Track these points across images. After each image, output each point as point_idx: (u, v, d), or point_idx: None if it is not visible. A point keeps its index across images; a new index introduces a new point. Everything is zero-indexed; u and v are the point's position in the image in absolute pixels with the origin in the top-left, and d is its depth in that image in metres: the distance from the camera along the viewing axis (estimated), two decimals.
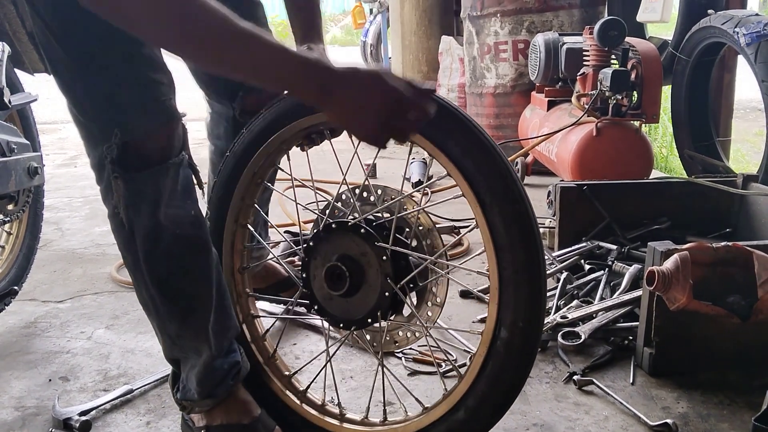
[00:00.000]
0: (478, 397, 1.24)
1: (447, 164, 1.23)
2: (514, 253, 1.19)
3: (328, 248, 1.32)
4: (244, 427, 1.38)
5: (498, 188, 1.21)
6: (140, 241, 1.27)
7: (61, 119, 6.47)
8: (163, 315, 1.34)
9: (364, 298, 1.30)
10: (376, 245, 1.27)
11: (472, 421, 1.25)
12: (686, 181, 2.35)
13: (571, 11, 3.69)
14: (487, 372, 1.22)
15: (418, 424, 1.32)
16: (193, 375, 1.37)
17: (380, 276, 1.28)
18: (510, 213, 1.21)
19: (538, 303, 1.19)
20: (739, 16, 2.70)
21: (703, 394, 1.56)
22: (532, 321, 1.19)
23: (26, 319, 2.07)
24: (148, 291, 1.32)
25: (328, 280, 1.31)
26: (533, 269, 1.18)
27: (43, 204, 2.23)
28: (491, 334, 1.21)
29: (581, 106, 3.01)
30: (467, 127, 1.23)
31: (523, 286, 1.18)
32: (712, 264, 1.48)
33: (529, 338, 1.20)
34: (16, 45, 1.91)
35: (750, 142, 4.85)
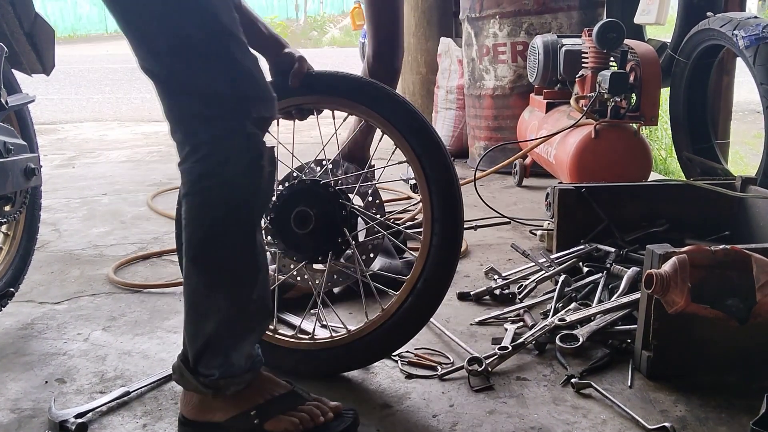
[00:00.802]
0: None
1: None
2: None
3: (299, 197, 1.64)
4: (288, 395, 1.42)
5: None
6: (258, 207, 1.36)
7: (60, 120, 6.48)
8: (245, 282, 1.36)
9: (320, 239, 1.64)
10: (339, 201, 1.64)
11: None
12: (685, 183, 2.35)
13: (570, 13, 3.69)
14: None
15: (341, 341, 1.67)
16: (247, 345, 1.38)
17: (338, 225, 1.64)
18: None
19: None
20: (738, 19, 2.70)
21: (702, 397, 1.56)
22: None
23: (23, 320, 2.06)
24: (243, 258, 1.35)
25: (297, 219, 1.63)
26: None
27: (41, 205, 2.22)
28: (414, 282, 1.61)
29: (580, 108, 3.01)
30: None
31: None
32: (711, 267, 1.47)
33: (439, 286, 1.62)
34: (14, 45, 1.90)
35: (749, 144, 4.85)
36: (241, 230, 1.33)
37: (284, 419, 1.37)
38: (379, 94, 1.61)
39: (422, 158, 1.59)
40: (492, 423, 1.48)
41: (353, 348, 1.65)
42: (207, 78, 1.26)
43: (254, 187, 1.32)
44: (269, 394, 1.41)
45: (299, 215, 1.63)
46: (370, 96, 1.61)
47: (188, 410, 1.41)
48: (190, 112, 1.27)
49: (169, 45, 1.25)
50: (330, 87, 1.64)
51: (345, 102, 1.63)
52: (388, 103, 1.60)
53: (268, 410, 1.38)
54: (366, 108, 1.61)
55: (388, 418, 1.51)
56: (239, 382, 1.37)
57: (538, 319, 1.90)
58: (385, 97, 1.60)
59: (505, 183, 3.70)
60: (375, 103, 1.60)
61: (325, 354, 1.67)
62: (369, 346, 1.65)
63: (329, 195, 1.64)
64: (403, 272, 2.23)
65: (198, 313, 1.35)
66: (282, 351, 1.68)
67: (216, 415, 1.38)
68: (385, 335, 1.63)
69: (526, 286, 2.12)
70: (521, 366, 1.71)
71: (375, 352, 1.66)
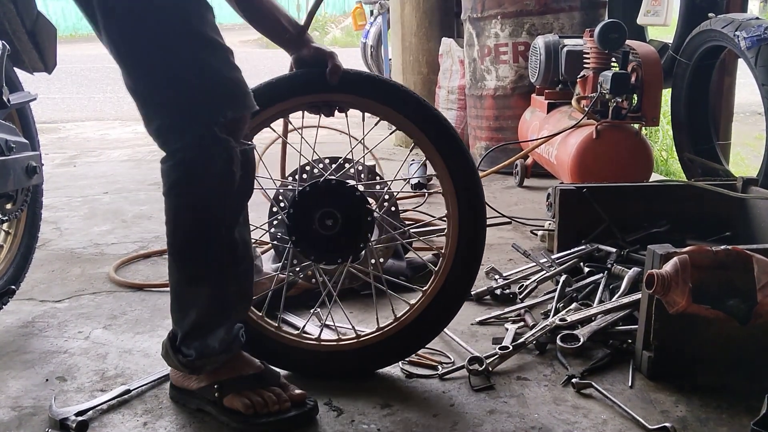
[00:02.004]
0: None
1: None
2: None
3: (325, 198, 1.60)
4: (254, 376, 1.51)
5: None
6: (232, 206, 1.43)
7: (61, 119, 6.48)
8: (223, 278, 1.45)
9: (343, 242, 1.62)
10: (366, 208, 1.61)
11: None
12: (686, 184, 2.35)
13: (571, 14, 3.69)
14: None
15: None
16: (223, 330, 1.48)
17: (362, 230, 1.62)
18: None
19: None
20: (740, 20, 2.70)
21: (702, 398, 1.56)
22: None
23: (24, 318, 2.06)
24: (219, 254, 1.43)
25: (321, 220, 1.60)
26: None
27: (42, 203, 2.22)
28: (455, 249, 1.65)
29: (581, 109, 3.01)
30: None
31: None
32: (712, 267, 1.47)
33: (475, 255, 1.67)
34: (16, 44, 1.91)
35: (750, 145, 4.85)
36: (215, 231, 1.42)
37: (240, 398, 1.47)
38: (409, 100, 1.61)
39: (454, 174, 1.61)
40: (492, 422, 1.48)
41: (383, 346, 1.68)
42: (173, 89, 1.33)
43: (226, 191, 1.40)
44: (236, 373, 1.50)
45: (324, 216, 1.60)
46: (402, 101, 1.61)
47: (173, 376, 1.58)
48: (162, 123, 1.35)
49: (136, 59, 1.33)
50: (366, 88, 1.61)
51: (376, 105, 1.62)
52: (419, 109, 1.61)
53: (229, 386, 1.49)
54: (396, 113, 1.61)
55: (388, 417, 1.51)
56: (214, 361, 1.49)
57: (539, 319, 1.90)
58: (416, 104, 1.61)
59: (506, 183, 3.70)
60: (406, 107, 1.61)
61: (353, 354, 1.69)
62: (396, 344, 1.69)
63: (356, 199, 1.61)
64: (406, 274, 2.23)
65: (181, 303, 1.49)
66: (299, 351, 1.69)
67: (191, 383, 1.53)
68: (407, 335, 1.67)
69: (527, 286, 2.12)
70: (522, 366, 1.71)
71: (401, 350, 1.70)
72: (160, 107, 1.35)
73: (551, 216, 2.62)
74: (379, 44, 6.68)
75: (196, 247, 1.43)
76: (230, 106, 1.36)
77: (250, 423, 1.45)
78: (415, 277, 2.25)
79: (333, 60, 1.58)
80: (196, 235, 1.42)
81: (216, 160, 1.35)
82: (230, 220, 1.43)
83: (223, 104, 1.35)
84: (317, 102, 1.63)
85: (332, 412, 1.53)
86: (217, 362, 1.50)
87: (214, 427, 1.49)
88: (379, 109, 1.62)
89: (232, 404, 1.47)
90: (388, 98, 1.61)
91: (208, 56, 1.34)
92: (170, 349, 1.52)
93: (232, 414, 1.47)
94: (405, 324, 1.67)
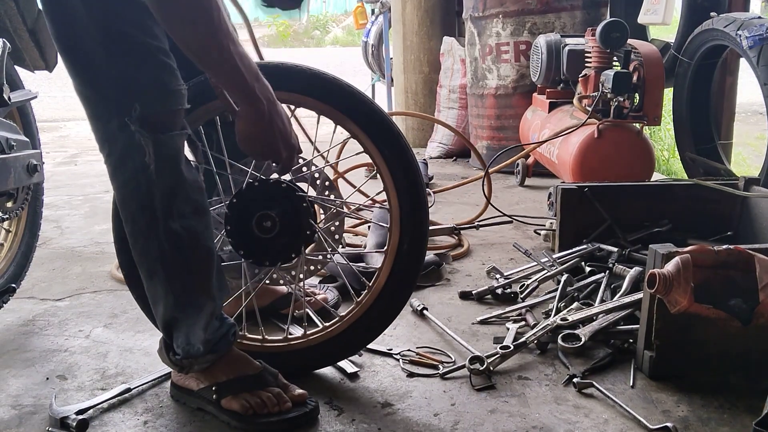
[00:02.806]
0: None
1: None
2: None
3: (255, 203, 1.57)
4: (252, 377, 1.50)
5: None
6: (160, 198, 1.39)
7: (62, 117, 6.48)
8: (172, 271, 1.44)
9: (289, 238, 1.58)
10: (297, 195, 1.57)
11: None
12: (688, 183, 2.35)
13: (573, 13, 3.69)
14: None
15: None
16: (199, 329, 1.46)
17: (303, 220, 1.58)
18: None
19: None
20: (742, 19, 2.69)
21: (704, 397, 1.55)
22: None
23: (24, 317, 2.06)
24: (160, 248, 1.42)
25: (259, 225, 1.56)
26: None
27: (43, 202, 2.22)
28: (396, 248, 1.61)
29: (583, 108, 3.01)
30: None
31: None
32: (714, 267, 1.47)
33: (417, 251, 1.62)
34: (17, 42, 1.91)
35: (751, 145, 4.84)
36: (151, 223, 1.41)
37: (238, 399, 1.47)
38: (334, 88, 1.57)
39: (390, 163, 1.58)
40: (493, 422, 1.48)
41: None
42: (95, 83, 1.36)
43: (147, 185, 1.38)
44: (234, 374, 1.50)
45: (261, 221, 1.57)
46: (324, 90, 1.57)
47: (175, 375, 1.58)
48: (89, 114, 1.39)
49: (67, 59, 1.36)
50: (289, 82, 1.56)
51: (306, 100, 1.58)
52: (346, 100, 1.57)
53: (226, 388, 1.49)
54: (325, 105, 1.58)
55: (389, 416, 1.51)
56: (201, 362, 1.50)
57: (540, 319, 1.89)
58: (343, 95, 1.57)
59: (507, 182, 3.69)
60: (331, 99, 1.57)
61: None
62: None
63: (285, 192, 1.57)
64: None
65: (150, 299, 1.50)
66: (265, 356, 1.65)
67: (191, 383, 1.54)
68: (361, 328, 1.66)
69: (528, 285, 2.11)
70: (523, 365, 1.71)
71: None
72: (85, 104, 1.39)
73: (553, 215, 2.62)
74: (381, 43, 6.67)
75: (139, 241, 1.44)
76: (148, 101, 1.34)
77: (250, 423, 1.45)
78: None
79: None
80: (136, 228, 1.43)
81: (134, 154, 1.36)
82: (163, 212, 1.41)
83: (137, 98, 1.34)
84: None
85: (333, 411, 1.53)
86: (204, 362, 1.50)
87: (215, 427, 1.49)
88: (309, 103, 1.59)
89: (231, 406, 1.47)
90: (312, 91, 1.57)
91: (122, 56, 1.32)
92: (164, 346, 1.54)
93: (232, 414, 1.47)
94: (349, 323, 1.65)
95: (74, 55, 1.35)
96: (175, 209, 1.41)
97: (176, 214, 1.41)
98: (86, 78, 1.36)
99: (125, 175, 1.40)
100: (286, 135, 1.41)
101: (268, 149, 1.40)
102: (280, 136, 1.39)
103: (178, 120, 1.40)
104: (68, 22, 1.34)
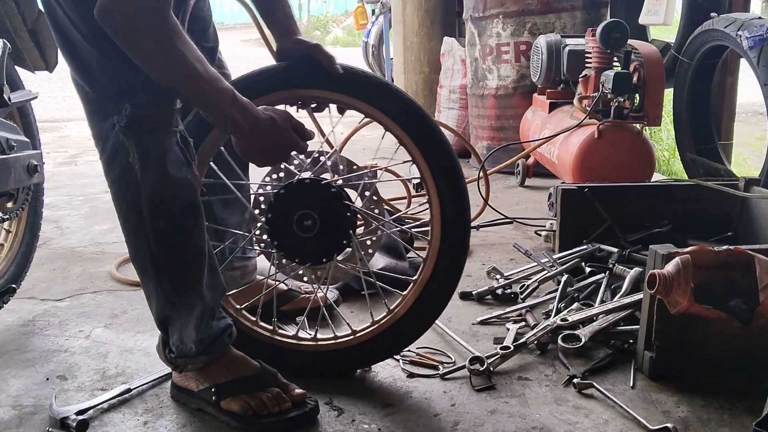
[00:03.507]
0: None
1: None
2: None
3: (300, 199, 1.57)
4: (251, 378, 1.50)
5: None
6: (146, 198, 1.40)
7: (63, 117, 6.48)
8: (161, 269, 1.45)
9: (325, 242, 1.59)
10: (344, 203, 1.57)
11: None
12: (688, 184, 2.35)
13: (573, 13, 3.68)
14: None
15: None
16: (191, 328, 1.47)
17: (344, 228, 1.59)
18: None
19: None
20: (742, 20, 2.69)
21: (704, 398, 1.55)
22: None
23: (24, 317, 2.06)
24: (148, 246, 1.43)
25: (299, 223, 1.57)
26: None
27: (43, 202, 2.22)
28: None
29: (583, 109, 3.01)
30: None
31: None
32: (714, 267, 1.47)
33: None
34: (17, 42, 1.91)
35: (751, 146, 4.84)
36: (140, 223, 1.42)
37: (237, 401, 1.47)
38: (404, 107, 1.57)
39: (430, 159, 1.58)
40: (493, 423, 1.48)
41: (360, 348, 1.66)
42: (92, 81, 1.37)
43: (134, 184, 1.40)
44: (232, 375, 1.51)
45: (302, 219, 1.57)
46: (395, 107, 1.57)
47: (175, 375, 1.58)
48: (87, 110, 1.42)
49: (68, 55, 1.38)
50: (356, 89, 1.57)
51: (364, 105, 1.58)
52: (410, 114, 1.57)
53: (226, 389, 1.49)
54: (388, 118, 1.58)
55: (389, 417, 1.51)
56: (195, 362, 1.50)
57: (540, 319, 1.89)
58: (406, 108, 1.57)
59: (507, 183, 3.69)
60: (397, 113, 1.58)
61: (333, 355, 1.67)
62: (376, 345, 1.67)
63: (333, 196, 1.58)
64: (409, 273, 2.22)
65: (146, 294, 1.51)
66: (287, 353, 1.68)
67: (191, 384, 1.54)
68: (392, 335, 1.66)
69: (528, 285, 2.11)
70: (523, 366, 1.71)
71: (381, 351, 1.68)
72: (84, 101, 1.42)
73: (553, 215, 2.62)
74: (381, 44, 6.68)
75: (131, 238, 1.46)
76: (136, 100, 1.35)
77: (250, 423, 1.45)
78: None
79: (320, 51, 1.54)
80: (128, 225, 1.45)
81: (121, 154, 1.38)
82: (150, 211, 1.41)
83: (126, 97, 1.35)
84: (300, 97, 1.59)
85: (333, 411, 1.53)
86: (198, 362, 1.50)
87: (215, 427, 1.49)
88: (367, 109, 1.59)
89: (230, 407, 1.48)
90: (379, 100, 1.57)
91: (115, 55, 1.31)
92: (161, 345, 1.55)
93: (232, 415, 1.47)
94: (392, 322, 1.65)
95: (74, 54, 1.37)
96: (161, 209, 1.41)
97: (163, 214, 1.41)
98: (85, 76, 1.38)
99: (115, 173, 1.42)
100: (279, 142, 1.43)
101: (266, 159, 1.46)
102: (273, 146, 1.42)
103: (168, 119, 1.40)
104: (65, 23, 1.35)
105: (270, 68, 1.59)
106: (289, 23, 1.60)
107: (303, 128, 1.47)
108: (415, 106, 1.58)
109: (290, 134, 1.44)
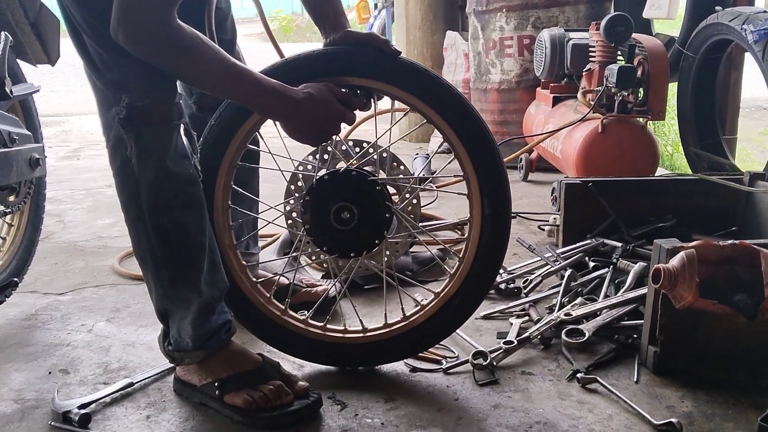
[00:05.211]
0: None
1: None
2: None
3: (342, 190, 1.55)
4: (253, 371, 1.50)
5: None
6: (144, 191, 1.40)
7: (65, 112, 6.48)
8: (160, 262, 1.46)
9: (360, 238, 1.56)
10: (386, 203, 1.55)
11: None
12: (692, 178, 2.34)
13: (577, 7, 3.67)
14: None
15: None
16: (188, 323, 1.48)
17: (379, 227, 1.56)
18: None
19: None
20: (747, 13, 2.68)
21: (708, 393, 1.55)
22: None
23: (27, 311, 2.06)
24: (148, 239, 1.44)
25: (337, 214, 1.54)
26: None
27: (45, 196, 2.22)
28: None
29: (587, 103, 3.00)
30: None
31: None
32: (719, 262, 1.46)
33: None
34: (19, 35, 1.90)
35: (755, 141, 4.83)
36: (140, 216, 1.43)
37: (240, 395, 1.47)
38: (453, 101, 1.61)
39: (480, 176, 1.65)
40: (497, 417, 1.47)
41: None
42: (99, 71, 1.38)
43: (133, 178, 1.40)
44: (234, 370, 1.50)
45: (341, 210, 1.54)
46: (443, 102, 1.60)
47: (179, 370, 1.58)
48: (96, 100, 1.43)
49: (77, 41, 1.39)
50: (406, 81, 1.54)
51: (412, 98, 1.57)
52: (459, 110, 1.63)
53: (228, 384, 1.49)
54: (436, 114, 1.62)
55: (392, 411, 1.50)
56: (191, 357, 1.51)
57: (544, 314, 1.89)
58: (457, 104, 1.62)
59: (510, 177, 3.65)
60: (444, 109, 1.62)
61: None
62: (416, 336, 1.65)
63: (376, 194, 1.54)
64: (412, 269, 2.22)
65: (147, 285, 1.53)
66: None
67: (194, 378, 1.54)
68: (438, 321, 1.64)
69: (531, 280, 2.11)
70: (526, 360, 1.70)
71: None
72: (93, 89, 1.43)
73: (556, 210, 2.61)
74: None
75: (132, 230, 1.47)
76: (132, 91, 1.36)
77: (253, 417, 1.45)
78: (420, 271, 2.24)
79: (376, 39, 1.51)
80: (128, 217, 1.46)
81: (121, 149, 1.39)
82: (149, 205, 1.41)
83: (124, 88, 1.36)
84: (348, 86, 1.52)
85: (336, 405, 1.52)
86: (195, 357, 1.51)
87: (218, 421, 1.48)
88: (413, 101, 1.57)
89: (233, 401, 1.47)
90: (427, 94, 1.57)
91: (118, 47, 1.30)
92: (161, 337, 1.57)
93: (235, 409, 1.47)
94: (418, 323, 1.63)
95: (83, 46, 1.38)
96: (160, 203, 1.41)
97: (163, 208, 1.42)
98: (91, 67, 1.39)
99: (116, 164, 1.43)
100: (325, 117, 1.40)
101: (314, 137, 1.44)
102: (318, 122, 1.40)
103: (167, 113, 1.40)
104: (71, 18, 1.36)
105: (329, 50, 1.52)
106: (339, 20, 1.54)
107: (349, 98, 1.44)
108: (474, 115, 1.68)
109: (335, 106, 1.41)
